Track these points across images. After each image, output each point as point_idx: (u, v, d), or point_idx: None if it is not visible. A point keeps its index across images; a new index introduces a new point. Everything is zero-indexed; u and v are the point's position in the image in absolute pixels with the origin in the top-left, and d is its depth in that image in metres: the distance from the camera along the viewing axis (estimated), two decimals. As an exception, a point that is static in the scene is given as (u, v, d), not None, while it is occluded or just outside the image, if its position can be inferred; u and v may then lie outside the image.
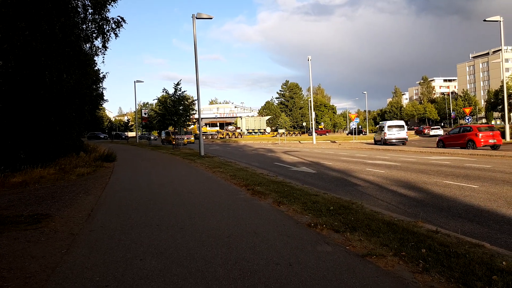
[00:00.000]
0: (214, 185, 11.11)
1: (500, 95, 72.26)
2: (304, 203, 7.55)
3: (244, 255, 4.64)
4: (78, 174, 13.91)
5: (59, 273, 4.24)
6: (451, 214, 7.21)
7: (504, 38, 31.93)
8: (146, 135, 66.81)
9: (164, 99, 33.05)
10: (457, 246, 4.66)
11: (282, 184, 10.32)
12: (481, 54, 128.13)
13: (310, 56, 44.99)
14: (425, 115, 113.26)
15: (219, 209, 7.45)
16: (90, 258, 4.71)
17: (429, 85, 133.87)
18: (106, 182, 12.14)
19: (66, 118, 17.03)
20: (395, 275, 3.91)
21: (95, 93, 27.37)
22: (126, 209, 7.80)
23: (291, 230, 5.74)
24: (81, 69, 19.18)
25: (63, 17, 13.80)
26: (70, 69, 16.02)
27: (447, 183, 10.54)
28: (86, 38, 17.04)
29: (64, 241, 5.54)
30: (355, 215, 6.41)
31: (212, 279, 3.92)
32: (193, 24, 23.65)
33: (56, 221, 6.78)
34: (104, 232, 6.01)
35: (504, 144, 28.34)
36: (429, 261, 4.15)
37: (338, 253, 4.63)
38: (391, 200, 8.77)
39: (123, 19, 17.32)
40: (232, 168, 15.31)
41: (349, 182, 11.74)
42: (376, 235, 5.21)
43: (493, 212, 7.19)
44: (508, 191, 9.09)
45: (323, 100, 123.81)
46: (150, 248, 5.05)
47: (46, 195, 9.60)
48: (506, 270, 3.84)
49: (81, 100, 19.61)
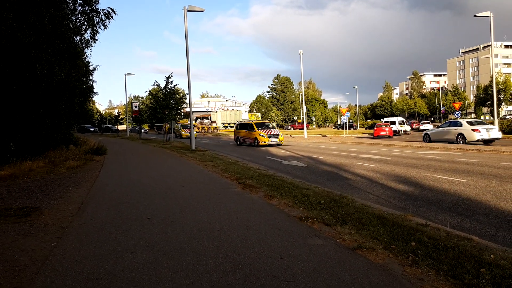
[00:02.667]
0: (206, 178, 11.10)
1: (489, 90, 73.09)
2: (295, 196, 7.57)
3: (235, 248, 4.65)
4: (68, 167, 13.78)
5: (48, 266, 4.22)
6: (441, 207, 7.29)
7: (494, 34, 32.15)
8: (137, 128, 66.46)
9: (155, 92, 32.78)
10: (446, 240, 4.71)
11: (273, 178, 10.33)
12: (471, 50, 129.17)
13: (301, 50, 44.95)
14: (415, 110, 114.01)
15: (210, 203, 7.45)
16: (80, 251, 4.69)
17: (420, 80, 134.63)
18: (97, 175, 12.06)
19: (56, 110, 16.82)
20: (385, 268, 3.95)
21: (85, 85, 27.01)
22: (117, 202, 7.76)
23: (282, 224, 5.77)
24: (71, 62, 18.94)
25: (52, 9, 13.57)
26: (61, 61, 15.80)
27: (436, 177, 10.64)
28: (75, 30, 16.80)
29: (54, 234, 5.50)
30: (346, 208, 6.46)
31: (203, 272, 3.92)
32: (184, 17, 23.47)
33: (46, 214, 6.73)
34: (94, 225, 5.98)
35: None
36: (419, 254, 4.20)
37: (329, 246, 4.66)
38: (381, 193, 8.83)
39: (114, 11, 17.07)
40: (224, 161, 15.30)
41: (340, 176, 11.80)
42: (366, 229, 5.25)
43: (481, 206, 7.28)
44: (496, 185, 9.21)
45: (314, 94, 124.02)
46: (140, 241, 5.04)
47: (35, 188, 9.51)
48: (494, 263, 3.90)
49: (71, 92, 19.34)
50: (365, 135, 48.13)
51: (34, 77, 13.75)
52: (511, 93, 77.64)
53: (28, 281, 3.82)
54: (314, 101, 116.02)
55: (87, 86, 27.83)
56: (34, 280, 3.85)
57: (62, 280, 3.84)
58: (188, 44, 23.96)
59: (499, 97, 74.91)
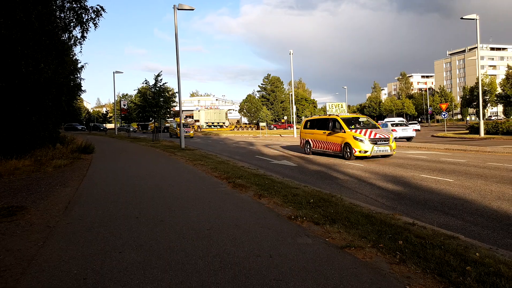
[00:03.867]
0: (195, 177, 11.06)
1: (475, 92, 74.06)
2: (285, 195, 7.60)
3: (224, 247, 4.65)
4: (55, 166, 13.62)
5: (35, 266, 4.17)
6: (427, 207, 7.37)
7: (480, 36, 32.63)
8: (125, 127, 65.89)
9: (144, 90, 32.56)
10: (432, 238, 4.77)
11: (263, 177, 10.34)
12: (457, 51, 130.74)
13: (292, 50, 45.23)
14: (403, 110, 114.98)
15: (200, 202, 7.43)
16: (68, 251, 4.64)
17: (407, 81, 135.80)
18: (84, 174, 11.94)
19: (42, 108, 16.60)
20: (373, 266, 3.98)
21: (73, 83, 26.68)
22: (105, 201, 7.69)
23: (272, 223, 5.78)
24: (59, 59, 18.70)
25: (40, 5, 13.39)
26: (48, 58, 15.59)
27: (423, 177, 10.76)
28: (64, 27, 16.59)
29: (41, 234, 5.43)
30: (335, 207, 6.49)
31: (192, 271, 3.91)
32: (174, 15, 23.37)
33: (32, 213, 6.65)
34: (82, 224, 5.92)
35: (478, 139, 29.12)
36: (406, 253, 4.24)
37: (318, 245, 4.69)
38: (369, 193, 8.90)
39: (103, 8, 16.89)
40: (213, 161, 15.26)
41: (329, 175, 11.86)
42: (355, 227, 5.29)
43: (467, 205, 7.39)
44: (481, 184, 9.35)
45: (304, 94, 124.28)
46: (129, 240, 5.00)
47: (21, 187, 9.38)
48: (479, 261, 3.97)
49: (58, 90, 19.08)
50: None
51: (20, 74, 13.55)
52: (496, 94, 78.80)
53: (13, 282, 3.77)
54: (304, 101, 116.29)
55: (75, 83, 27.52)
56: (19, 281, 3.79)
57: (49, 280, 3.79)
58: (178, 42, 23.85)
59: (485, 98, 76.04)
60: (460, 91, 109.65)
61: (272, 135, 52.53)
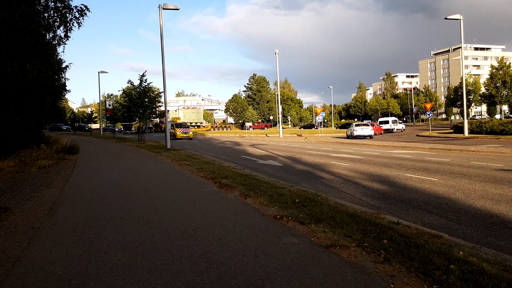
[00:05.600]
0: (181, 178, 11.03)
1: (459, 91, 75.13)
2: (271, 195, 7.62)
3: (210, 247, 4.65)
4: (40, 167, 13.44)
5: (19, 268, 4.12)
6: (412, 206, 7.48)
7: (464, 36, 33.15)
8: (111, 127, 65.28)
9: (129, 90, 32.29)
10: (417, 237, 4.84)
11: (249, 177, 10.36)
12: (442, 51, 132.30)
13: (277, 50, 45.34)
14: (388, 110, 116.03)
15: (185, 202, 7.42)
16: (52, 252, 4.60)
17: (392, 81, 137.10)
18: (69, 175, 11.81)
19: (26, 108, 16.37)
20: (357, 265, 4.03)
21: (57, 83, 26.28)
22: (90, 202, 7.63)
23: (258, 222, 5.80)
24: (43, 59, 18.43)
25: (23, 4, 13.20)
26: (32, 58, 15.37)
27: (408, 176, 10.90)
28: (47, 27, 16.36)
29: (25, 235, 5.37)
30: (320, 207, 6.54)
31: (178, 271, 3.91)
32: (159, 15, 23.25)
33: (16, 214, 6.56)
34: (66, 225, 5.86)
35: (462, 138, 29.60)
36: (390, 252, 4.30)
37: (303, 245, 4.72)
38: (354, 192, 8.99)
39: (87, 8, 16.71)
40: (199, 161, 15.23)
41: (315, 175, 11.94)
42: (340, 227, 5.34)
43: (451, 204, 7.51)
44: (465, 183, 9.51)
45: (290, 94, 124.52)
46: (114, 241, 4.98)
47: (5, 188, 9.24)
48: (463, 260, 4.03)
49: (43, 90, 18.85)
50: (339, 135, 48.72)
51: (4, 75, 13.34)
52: (480, 94, 79.98)
53: (-3, 284, 3.73)
54: (289, 101, 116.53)
55: (59, 84, 27.11)
56: (3, 282, 3.75)
57: (33, 281, 3.76)
58: (163, 42, 23.74)
59: (469, 98, 77.12)
60: (445, 91, 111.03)
61: (258, 135, 52.61)
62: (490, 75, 75.20)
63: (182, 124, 42.78)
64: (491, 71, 75.08)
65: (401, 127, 54.69)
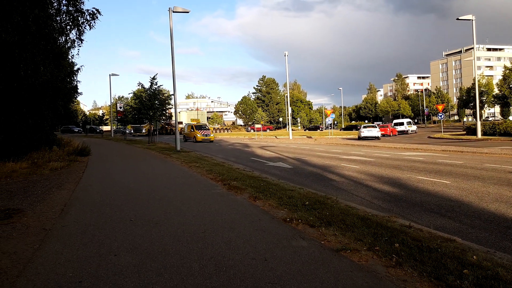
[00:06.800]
0: (190, 180, 11.04)
1: (472, 93, 74.29)
2: (280, 198, 7.58)
3: (219, 250, 4.64)
4: (51, 169, 13.58)
5: (31, 269, 4.15)
6: (424, 209, 7.38)
7: (476, 37, 32.76)
8: (122, 129, 65.69)
9: (139, 93, 32.49)
10: (429, 241, 4.77)
11: (258, 179, 10.34)
12: (454, 52, 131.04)
13: (287, 52, 45.43)
14: (399, 111, 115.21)
15: (195, 204, 7.42)
16: (63, 254, 4.62)
17: (403, 82, 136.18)
18: (80, 177, 11.90)
19: (39, 111, 16.58)
20: (368, 270, 3.97)
21: (69, 86, 26.55)
22: (100, 204, 7.67)
23: (267, 225, 5.77)
24: (55, 62, 18.67)
25: (37, 9, 13.37)
26: (45, 61, 15.57)
27: (420, 179, 10.78)
28: (60, 30, 16.56)
29: (37, 237, 5.41)
30: (330, 210, 6.49)
31: (187, 274, 3.90)
32: (169, 18, 23.37)
33: (28, 216, 6.62)
34: (77, 227, 5.90)
35: (475, 140, 29.23)
36: (402, 256, 4.23)
37: (313, 248, 4.68)
38: (365, 195, 8.91)
39: (98, 11, 16.88)
40: (208, 163, 15.25)
41: (325, 177, 11.87)
42: (350, 230, 5.29)
43: (464, 207, 7.39)
44: (479, 186, 9.36)
45: (299, 95, 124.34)
46: (124, 243, 4.99)
47: (18, 190, 9.34)
48: (476, 264, 3.95)
49: (55, 93, 19.02)
50: (350, 136, 48.48)
51: (18, 77, 13.53)
52: (493, 95, 79.00)
53: (9, 284, 3.75)
54: (299, 103, 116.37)
55: (71, 86, 27.38)
56: (15, 283, 3.78)
57: (44, 283, 3.78)
58: (173, 45, 23.85)
59: (482, 99, 76.20)
60: (457, 92, 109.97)
61: (267, 136, 52.58)
62: (503, 75, 74.27)
63: (202, 126, 40.92)
64: (504, 72, 74.15)
65: (415, 128, 56.08)
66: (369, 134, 37.88)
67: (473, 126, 35.49)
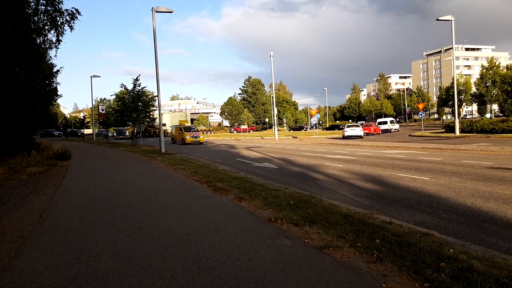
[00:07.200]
0: (175, 182, 10.96)
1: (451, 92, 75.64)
2: (265, 198, 7.59)
3: (203, 252, 4.60)
4: (30, 174, 13.28)
5: (6, 278, 4.04)
6: (404, 205, 7.48)
7: (455, 37, 33.39)
8: (104, 132, 64.84)
9: (122, 94, 32.05)
10: (408, 236, 4.84)
11: (243, 180, 10.32)
12: (434, 52, 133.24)
13: (272, 52, 45.43)
14: (382, 110, 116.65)
15: (179, 207, 7.36)
16: (41, 261, 4.52)
17: (386, 82, 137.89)
18: (60, 182, 11.68)
19: (16, 114, 16.24)
20: (350, 266, 4.01)
21: (49, 88, 26.04)
22: (81, 209, 7.54)
23: (252, 226, 5.76)
24: (33, 63, 18.29)
25: (13, 8, 13.10)
26: (22, 63, 15.23)
27: (401, 176, 10.92)
28: (38, 30, 16.24)
29: (13, 244, 5.28)
30: (314, 208, 6.52)
31: (170, 277, 3.86)
32: (152, 17, 23.14)
33: (4, 223, 6.46)
34: (56, 233, 5.78)
35: (454, 138, 29.79)
36: (383, 251, 4.29)
37: (297, 246, 4.69)
38: (348, 193, 8.98)
39: (78, 11, 16.59)
40: (194, 165, 15.15)
41: (309, 176, 11.92)
42: (333, 228, 5.32)
43: (442, 202, 7.52)
44: (456, 182, 9.54)
45: (285, 96, 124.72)
46: (105, 248, 4.91)
47: (-6, 196, 9.11)
48: (453, 257, 4.05)
49: (33, 95, 18.66)
50: (335, 136, 48.85)
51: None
52: (471, 94, 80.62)
53: (-16, 294, 3.65)
54: (285, 103, 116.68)
55: (50, 88, 26.88)
56: (-9, 293, 3.68)
57: (22, 291, 3.69)
58: (156, 45, 23.66)
59: (460, 98, 77.68)
60: (437, 91, 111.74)
61: (254, 137, 52.59)
62: (480, 75, 75.94)
63: (191, 128, 39.83)
64: (481, 71, 75.83)
65: (397, 127, 58.47)
66: (352, 133, 39.37)
67: (452, 124, 36.16)
